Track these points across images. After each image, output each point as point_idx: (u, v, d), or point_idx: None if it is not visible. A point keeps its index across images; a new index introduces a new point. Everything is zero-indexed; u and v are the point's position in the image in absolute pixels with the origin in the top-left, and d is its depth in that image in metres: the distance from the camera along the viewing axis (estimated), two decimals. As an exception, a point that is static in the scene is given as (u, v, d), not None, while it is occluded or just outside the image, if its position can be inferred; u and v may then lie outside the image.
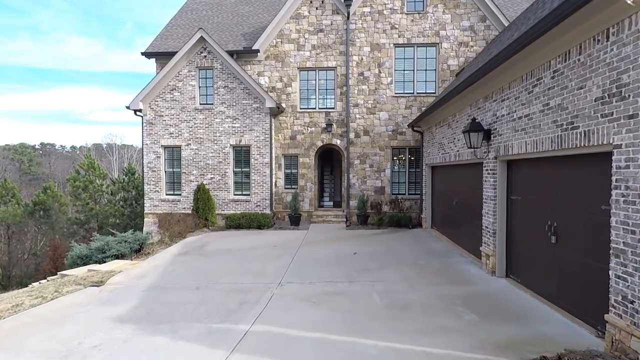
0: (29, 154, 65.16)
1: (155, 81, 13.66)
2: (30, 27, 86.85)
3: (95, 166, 27.97)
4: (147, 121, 14.02)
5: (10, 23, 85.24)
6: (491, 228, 6.90)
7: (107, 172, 31.46)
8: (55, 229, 28.32)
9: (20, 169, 61.42)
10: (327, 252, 9.46)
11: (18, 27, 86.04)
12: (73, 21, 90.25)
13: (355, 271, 7.62)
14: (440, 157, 10.59)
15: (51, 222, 28.59)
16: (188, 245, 10.55)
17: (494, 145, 6.81)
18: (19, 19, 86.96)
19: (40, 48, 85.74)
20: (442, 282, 6.73)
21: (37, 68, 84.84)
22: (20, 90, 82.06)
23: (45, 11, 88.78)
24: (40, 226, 29.05)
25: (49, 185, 31.12)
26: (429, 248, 9.71)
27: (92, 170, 27.41)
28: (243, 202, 13.86)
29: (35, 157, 65.71)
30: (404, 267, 7.82)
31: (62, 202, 30.29)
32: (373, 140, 14.36)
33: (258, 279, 7.21)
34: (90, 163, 27.55)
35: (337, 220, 14.05)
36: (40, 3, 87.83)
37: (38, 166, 63.51)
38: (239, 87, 13.76)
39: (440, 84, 14.17)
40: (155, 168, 14.07)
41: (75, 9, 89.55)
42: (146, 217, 14.09)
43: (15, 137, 78.57)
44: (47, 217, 28.61)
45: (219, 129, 13.85)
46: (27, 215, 28.16)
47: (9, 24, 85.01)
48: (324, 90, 14.61)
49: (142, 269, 8.21)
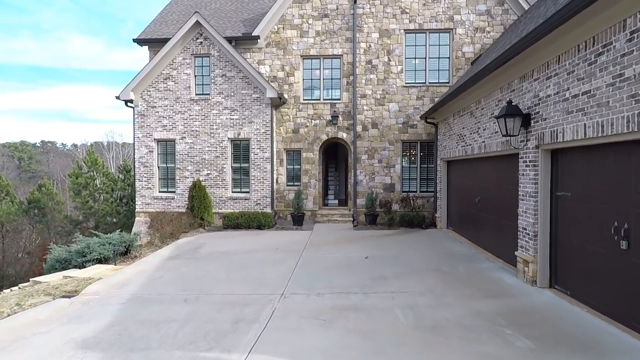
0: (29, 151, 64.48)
1: (148, 69, 12.64)
2: (32, 25, 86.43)
3: (99, 162, 27.09)
4: (138, 113, 13.00)
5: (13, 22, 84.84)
6: (531, 230, 5.86)
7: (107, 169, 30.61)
8: (51, 228, 27.46)
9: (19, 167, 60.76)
10: (335, 255, 8.43)
11: (20, 26, 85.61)
12: (75, 20, 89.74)
13: (369, 279, 6.60)
14: (460, 150, 9.54)
15: (47, 220, 27.75)
16: (180, 248, 9.54)
17: (534, 132, 5.77)
18: (21, 17, 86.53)
19: (42, 46, 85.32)
20: (475, 293, 5.70)
21: (39, 66, 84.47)
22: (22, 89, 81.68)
23: (47, 10, 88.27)
24: (36, 224, 28.18)
25: (44, 182, 30.22)
26: (449, 251, 8.68)
27: (96, 166, 26.53)
28: (242, 200, 12.84)
29: (35, 154, 65.00)
30: (426, 275, 6.78)
31: (58, 200, 29.45)
32: (382, 133, 13.32)
33: (257, 289, 6.19)
34: (95, 160, 26.66)
35: (344, 220, 13.02)
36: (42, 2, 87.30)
37: (38, 164, 62.79)
38: (237, 75, 12.73)
39: (455, 72, 13.12)
40: (147, 163, 13.05)
41: (77, 7, 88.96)
42: (137, 216, 13.09)
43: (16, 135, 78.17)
44: (43, 216, 27.78)
45: (216, 121, 12.82)
46: (21, 213, 27.29)
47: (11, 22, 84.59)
48: (329, 80, 13.57)
49: (125, 275, 7.20)
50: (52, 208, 27.84)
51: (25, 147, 64.22)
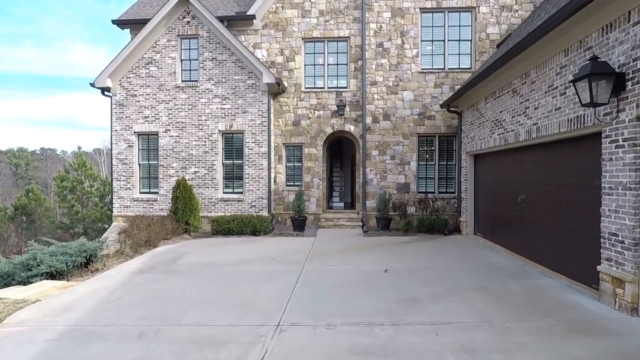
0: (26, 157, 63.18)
1: (127, 52, 11.03)
2: (35, 35, 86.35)
3: (87, 165, 25.50)
4: (116, 102, 11.37)
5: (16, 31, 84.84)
6: (628, 236, 4.17)
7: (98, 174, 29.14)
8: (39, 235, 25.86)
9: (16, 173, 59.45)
10: (346, 268, 6.73)
11: (24, 35, 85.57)
12: (78, 29, 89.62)
13: (395, 302, 4.89)
14: (496, 139, 7.88)
15: (34, 227, 26.13)
16: (157, 258, 7.83)
17: (632, 99, 4.11)
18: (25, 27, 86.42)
19: (46, 55, 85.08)
20: (554, 327, 3.99)
21: (42, 75, 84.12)
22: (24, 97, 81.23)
23: (50, 19, 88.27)
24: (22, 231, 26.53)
25: (32, 188, 28.63)
26: (486, 263, 6.97)
27: (84, 169, 24.95)
28: (234, 201, 11.14)
29: (33, 161, 63.68)
30: (470, 296, 5.08)
31: (47, 206, 27.86)
32: (395, 125, 11.67)
33: (244, 317, 4.49)
34: (82, 163, 25.08)
35: (351, 225, 11.31)
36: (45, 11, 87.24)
37: (35, 170, 61.45)
38: (229, 59, 11.12)
39: (478, 56, 11.51)
40: (126, 160, 11.39)
41: (80, 17, 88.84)
42: (115, 220, 11.39)
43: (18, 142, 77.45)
44: (31, 222, 26.17)
45: (205, 111, 11.18)
46: (7, 220, 25.68)
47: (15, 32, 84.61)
48: (334, 66, 11.96)
49: (73, 295, 5.49)
50: (41, 214, 26.32)
51: (22, 154, 62.94)
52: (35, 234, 25.88)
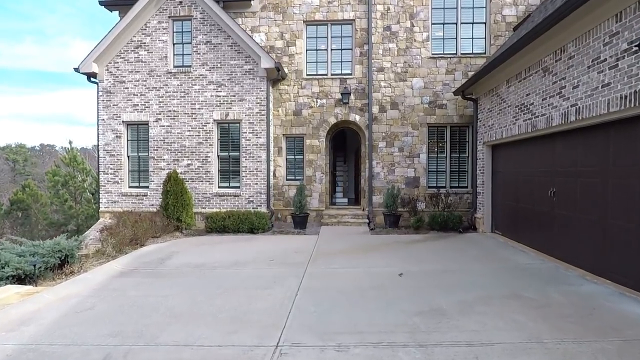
0: (24, 153, 62.51)
1: (114, 34, 10.19)
2: (36, 31, 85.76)
3: (79, 159, 24.66)
4: (103, 89, 10.53)
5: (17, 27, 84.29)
6: None
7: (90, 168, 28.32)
8: (35, 231, 25.14)
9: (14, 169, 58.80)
10: (355, 271, 5.92)
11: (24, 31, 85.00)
12: (78, 25, 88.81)
13: (417, 315, 4.08)
14: (521, 126, 7.04)
15: (30, 223, 25.40)
16: (142, 258, 7.02)
17: None
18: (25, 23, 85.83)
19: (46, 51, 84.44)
20: (624, 351, 3.17)
21: (41, 71, 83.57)
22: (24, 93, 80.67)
23: (50, 16, 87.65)
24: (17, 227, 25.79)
25: (28, 183, 27.79)
26: (514, 265, 6.15)
27: (75, 163, 24.12)
28: (231, 196, 10.33)
29: (31, 157, 62.98)
30: (506, 306, 4.26)
31: (43, 202, 27.10)
32: (403, 115, 10.83)
33: (235, 334, 3.68)
34: (73, 156, 24.23)
35: (357, 222, 10.50)
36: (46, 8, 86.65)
37: (34, 166, 60.76)
38: (225, 42, 10.26)
39: (493, 40, 10.65)
40: (114, 152, 10.56)
41: (81, 13, 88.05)
42: (102, 216, 10.59)
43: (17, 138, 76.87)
44: (26, 218, 25.44)
45: (199, 98, 10.34)
46: (2, 216, 24.96)
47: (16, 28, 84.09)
48: (338, 51, 11.10)
49: (36, 305, 4.68)
50: (37, 210, 25.58)
51: (21, 150, 62.22)
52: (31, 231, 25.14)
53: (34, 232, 25.28)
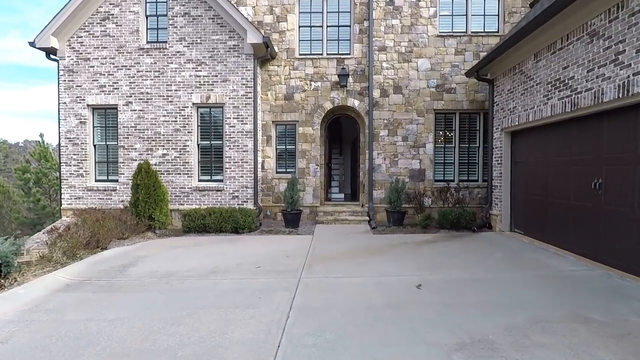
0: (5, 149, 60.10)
1: (77, 3, 8.79)
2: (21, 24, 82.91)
3: (48, 157, 22.92)
4: (64, 67, 9.13)
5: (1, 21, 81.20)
6: None
7: (58, 163, 26.61)
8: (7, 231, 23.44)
9: (-8, 165, 56.38)
10: (361, 282, 4.73)
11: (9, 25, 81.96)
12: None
13: (458, 350, 2.92)
14: (556, 105, 5.92)
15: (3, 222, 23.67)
16: (99, 265, 5.73)
17: None
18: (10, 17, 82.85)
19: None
20: None
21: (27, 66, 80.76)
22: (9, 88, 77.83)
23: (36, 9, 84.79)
24: (-14, 227, 24.01)
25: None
26: (555, 272, 5.03)
27: (45, 161, 22.43)
28: (212, 191, 9.05)
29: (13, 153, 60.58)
30: (576, 336, 3.12)
31: (15, 199, 25.29)
32: (408, 100, 9.67)
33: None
34: (42, 152, 22.52)
35: (356, 220, 9.32)
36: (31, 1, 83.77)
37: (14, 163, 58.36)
38: (206, 14, 8.95)
39: (507, 17, 9.55)
40: (78, 140, 9.19)
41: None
42: (64, 214, 9.21)
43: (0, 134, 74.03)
44: (-3, 216, 23.67)
45: (176, 79, 9.02)
46: (-30, 215, 23.15)
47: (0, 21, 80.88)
48: (334, 28, 9.87)
49: None
50: (9, 208, 23.83)
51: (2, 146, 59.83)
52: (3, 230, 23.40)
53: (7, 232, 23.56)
